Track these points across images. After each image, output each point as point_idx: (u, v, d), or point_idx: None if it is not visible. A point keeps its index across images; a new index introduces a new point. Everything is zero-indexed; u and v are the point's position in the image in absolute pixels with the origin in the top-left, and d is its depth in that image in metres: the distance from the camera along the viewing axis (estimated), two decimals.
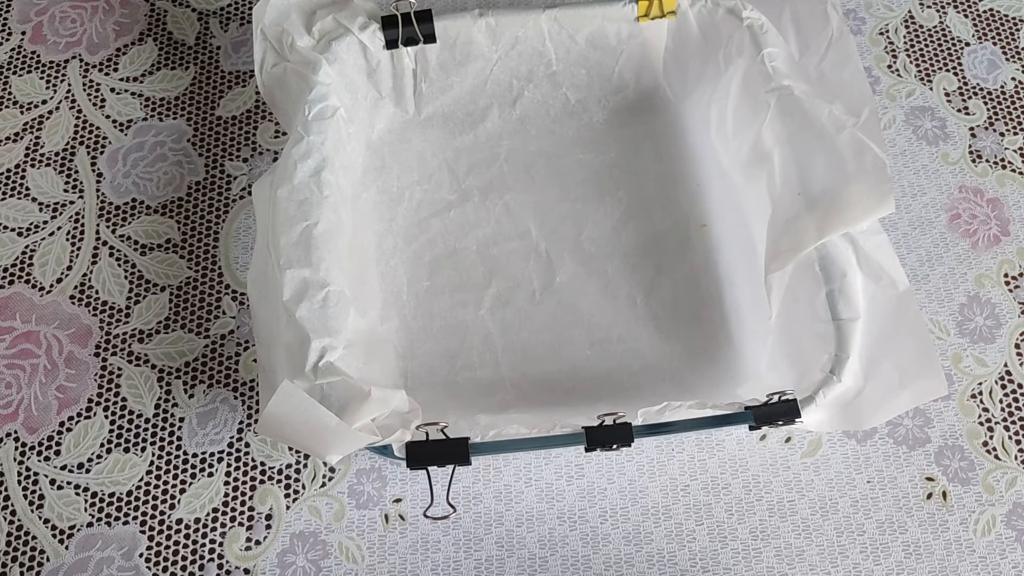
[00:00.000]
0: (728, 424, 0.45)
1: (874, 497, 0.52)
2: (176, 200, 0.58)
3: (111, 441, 0.52)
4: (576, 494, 0.52)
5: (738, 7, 0.53)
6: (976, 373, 0.55)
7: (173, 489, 0.51)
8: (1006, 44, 0.65)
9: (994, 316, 0.56)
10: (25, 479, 0.51)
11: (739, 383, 0.52)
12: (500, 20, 0.55)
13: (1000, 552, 0.51)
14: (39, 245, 0.57)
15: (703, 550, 0.50)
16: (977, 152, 0.61)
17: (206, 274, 0.56)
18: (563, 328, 0.54)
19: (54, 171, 0.59)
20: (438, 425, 0.44)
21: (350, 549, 0.50)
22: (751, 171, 0.54)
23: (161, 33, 0.64)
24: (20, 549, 0.50)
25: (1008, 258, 0.58)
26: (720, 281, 0.55)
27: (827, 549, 0.51)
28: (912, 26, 0.65)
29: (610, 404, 0.49)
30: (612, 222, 0.57)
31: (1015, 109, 0.62)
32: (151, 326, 0.55)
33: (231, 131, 0.61)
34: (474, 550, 0.50)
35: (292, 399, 0.40)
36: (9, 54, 0.63)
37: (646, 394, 0.52)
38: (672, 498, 0.51)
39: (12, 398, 0.53)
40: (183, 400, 0.53)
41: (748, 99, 0.53)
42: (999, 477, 0.52)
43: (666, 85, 0.60)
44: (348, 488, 0.51)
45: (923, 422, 0.54)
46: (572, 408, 0.51)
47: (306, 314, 0.45)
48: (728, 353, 0.53)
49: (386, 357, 0.52)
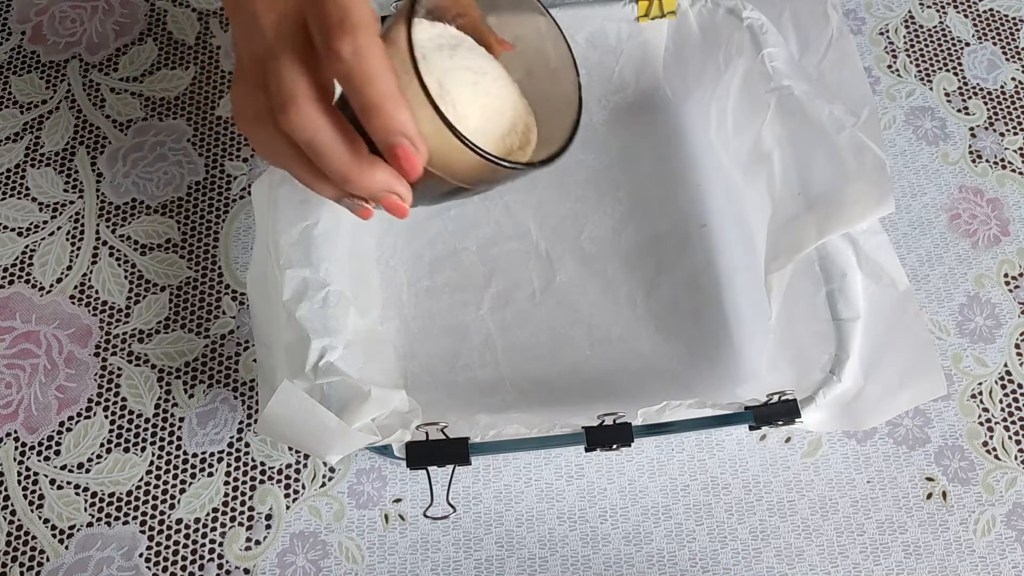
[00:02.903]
0: (728, 424, 0.45)
1: (874, 497, 0.52)
2: (176, 200, 0.58)
3: (111, 441, 0.52)
4: (576, 494, 0.52)
5: (738, 7, 0.53)
6: (976, 373, 0.55)
7: (173, 489, 0.51)
8: (1006, 44, 0.65)
9: (994, 316, 0.56)
10: (25, 479, 0.51)
11: (739, 383, 0.52)
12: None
13: (1000, 552, 0.51)
14: (39, 245, 0.57)
15: (703, 550, 0.50)
16: (977, 152, 0.61)
17: (206, 274, 0.56)
18: (563, 328, 0.54)
19: (54, 171, 0.59)
20: (438, 425, 0.44)
21: (350, 549, 0.50)
22: (751, 171, 0.54)
23: (161, 33, 0.64)
24: (20, 549, 0.50)
25: (1008, 258, 0.58)
26: (720, 281, 0.55)
27: (827, 549, 0.51)
28: (912, 26, 0.65)
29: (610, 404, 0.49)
30: (612, 222, 0.57)
31: (1015, 109, 0.62)
32: (151, 326, 0.55)
33: (231, 131, 0.61)
34: (474, 550, 0.50)
35: (292, 399, 0.40)
36: (9, 54, 0.63)
37: (646, 394, 0.51)
38: (672, 498, 0.51)
39: (12, 398, 0.53)
40: (183, 400, 0.53)
41: (748, 99, 0.53)
42: (999, 477, 0.52)
43: (666, 85, 0.60)
44: (348, 488, 0.51)
45: (923, 422, 0.54)
46: (572, 408, 0.51)
47: (306, 314, 0.45)
48: (728, 353, 0.53)
49: (386, 357, 0.52)
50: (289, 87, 0.31)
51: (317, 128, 0.31)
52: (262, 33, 0.32)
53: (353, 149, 0.32)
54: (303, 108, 0.31)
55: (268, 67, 0.32)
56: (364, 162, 0.33)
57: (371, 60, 0.30)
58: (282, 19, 0.32)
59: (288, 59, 0.31)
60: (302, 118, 0.31)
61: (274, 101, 0.31)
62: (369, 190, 0.33)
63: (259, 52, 0.32)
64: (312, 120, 0.31)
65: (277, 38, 0.32)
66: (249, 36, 0.33)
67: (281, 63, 0.31)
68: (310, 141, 0.32)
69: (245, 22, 0.33)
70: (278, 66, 0.31)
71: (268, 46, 0.32)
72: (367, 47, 0.30)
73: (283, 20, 0.32)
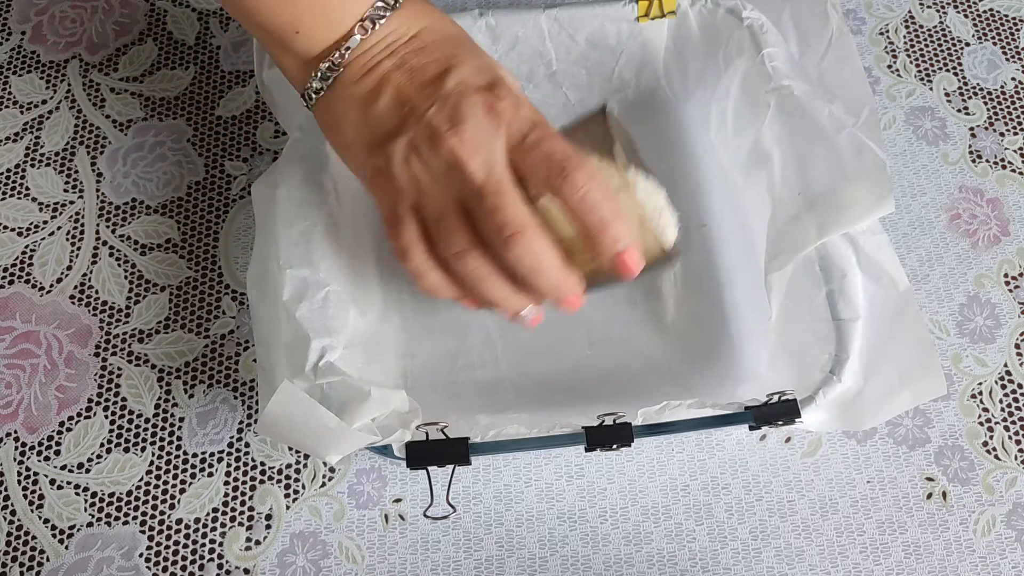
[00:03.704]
0: (728, 424, 0.45)
1: (874, 497, 0.52)
2: (176, 200, 0.58)
3: (111, 441, 0.52)
4: (576, 494, 0.52)
5: (738, 7, 0.53)
6: (976, 373, 0.55)
7: (173, 489, 0.51)
8: (1006, 44, 0.65)
9: (994, 316, 0.56)
10: (25, 479, 0.51)
11: (739, 383, 0.52)
12: (500, 20, 0.55)
13: (1000, 552, 0.51)
14: (39, 245, 0.57)
15: (703, 550, 0.50)
16: (977, 152, 0.61)
17: (206, 274, 0.56)
18: (563, 328, 0.54)
19: (54, 171, 0.59)
20: (438, 425, 0.44)
21: (350, 549, 0.50)
22: (751, 171, 0.54)
23: (161, 33, 0.64)
24: (20, 549, 0.50)
25: (1008, 258, 0.58)
26: (720, 281, 0.55)
27: (827, 549, 0.51)
28: (912, 26, 0.65)
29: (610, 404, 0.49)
30: None
31: (1015, 109, 0.62)
32: (151, 326, 0.55)
33: (231, 131, 0.61)
34: (474, 550, 0.50)
35: (292, 399, 0.40)
36: (9, 54, 0.63)
37: (646, 394, 0.51)
38: (672, 498, 0.51)
39: (12, 398, 0.53)
40: (183, 400, 0.53)
41: (748, 99, 0.53)
42: (999, 477, 0.52)
43: (666, 85, 0.60)
44: (348, 488, 0.51)
45: (923, 422, 0.54)
46: (572, 408, 0.51)
47: (306, 314, 0.45)
48: (728, 353, 0.53)
49: (386, 357, 0.52)
50: (522, 218, 0.36)
51: (544, 248, 0.37)
52: (470, 175, 0.37)
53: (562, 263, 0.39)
54: (535, 234, 0.37)
55: (488, 204, 0.36)
56: (568, 271, 0.39)
57: (598, 189, 0.37)
58: (491, 163, 0.37)
59: (513, 195, 0.37)
60: (534, 242, 0.37)
61: (504, 232, 0.36)
62: (569, 292, 0.39)
63: (471, 191, 0.37)
64: (542, 243, 0.37)
65: (490, 178, 0.37)
66: (435, 177, 0.38)
67: (507, 198, 0.37)
68: (537, 260, 0.37)
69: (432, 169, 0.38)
70: (503, 202, 0.37)
71: (479, 187, 0.37)
72: (596, 179, 0.37)
73: (492, 164, 0.37)
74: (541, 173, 0.37)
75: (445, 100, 0.38)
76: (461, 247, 0.38)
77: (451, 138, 0.37)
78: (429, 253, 0.39)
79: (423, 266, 0.39)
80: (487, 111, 0.37)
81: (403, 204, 0.39)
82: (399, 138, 0.38)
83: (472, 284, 0.39)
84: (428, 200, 0.38)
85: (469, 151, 0.37)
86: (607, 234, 0.37)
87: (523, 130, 0.38)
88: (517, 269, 0.37)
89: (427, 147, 0.37)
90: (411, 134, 0.38)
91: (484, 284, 0.39)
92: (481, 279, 0.38)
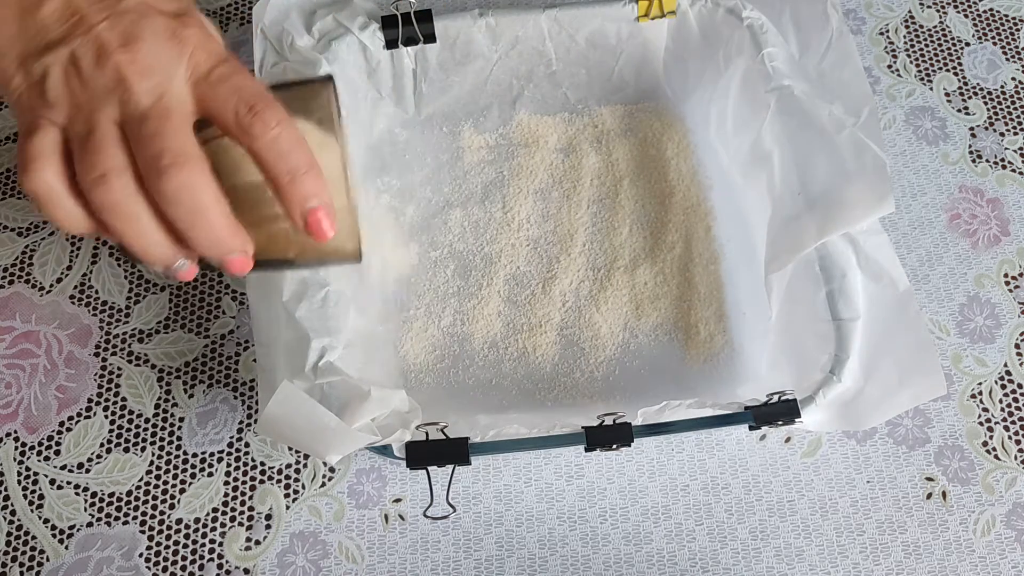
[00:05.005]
0: (728, 424, 0.45)
1: (874, 497, 0.52)
2: None
3: (111, 441, 0.52)
4: (576, 494, 0.52)
5: (738, 7, 0.53)
6: (976, 373, 0.55)
7: (173, 489, 0.51)
8: (1006, 44, 0.65)
9: (994, 316, 0.56)
10: (25, 479, 0.51)
11: (739, 383, 0.52)
12: (500, 20, 0.55)
13: (1000, 552, 0.51)
14: (39, 245, 0.57)
15: (703, 550, 0.50)
16: (977, 152, 0.61)
17: (206, 274, 0.56)
18: (563, 328, 0.54)
19: None
20: (438, 425, 0.44)
21: (350, 549, 0.50)
22: (751, 171, 0.54)
23: None
24: (20, 549, 0.50)
25: (1008, 258, 0.58)
26: (720, 281, 0.55)
27: (827, 549, 0.51)
28: (912, 26, 0.65)
29: (610, 404, 0.49)
30: (612, 221, 0.57)
31: (1015, 109, 0.62)
32: (151, 326, 0.55)
33: None
34: (474, 550, 0.50)
35: (292, 399, 0.40)
36: None
37: (646, 394, 0.52)
38: (672, 498, 0.51)
39: (12, 398, 0.53)
40: (183, 400, 0.53)
41: (748, 99, 0.53)
42: (999, 477, 0.52)
43: (666, 85, 0.60)
44: (348, 488, 0.51)
45: (923, 422, 0.54)
46: (572, 408, 0.51)
47: (306, 314, 0.45)
48: (728, 353, 0.53)
49: (386, 357, 0.52)
50: (187, 149, 0.32)
51: (205, 188, 0.32)
52: (135, 97, 0.32)
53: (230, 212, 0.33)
54: (196, 168, 0.32)
55: (149, 127, 0.31)
56: (236, 225, 0.34)
57: (293, 133, 0.33)
58: (163, 89, 0.32)
59: (181, 123, 0.32)
60: (194, 178, 0.31)
61: (161, 161, 0.31)
62: (231, 250, 0.34)
63: (132, 113, 0.32)
64: (204, 180, 0.32)
65: (160, 102, 0.32)
66: (94, 95, 0.32)
67: (172, 124, 0.32)
68: (196, 201, 0.32)
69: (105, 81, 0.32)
70: (166, 128, 0.31)
71: (144, 111, 0.32)
72: (289, 122, 0.33)
73: (165, 91, 0.32)
74: (228, 108, 0.32)
75: (121, 16, 0.33)
76: (105, 169, 0.31)
77: (120, 55, 0.32)
78: (65, 175, 0.32)
79: (53, 187, 0.32)
80: (169, 35, 0.33)
81: (45, 118, 0.33)
82: (59, 49, 0.32)
83: (113, 218, 0.32)
84: (79, 120, 0.32)
85: (139, 71, 0.32)
86: (298, 186, 0.33)
87: (211, 62, 0.33)
88: (172, 209, 0.32)
89: (91, 63, 0.32)
90: (75, 46, 0.32)
91: (129, 221, 0.32)
92: (126, 215, 0.32)
